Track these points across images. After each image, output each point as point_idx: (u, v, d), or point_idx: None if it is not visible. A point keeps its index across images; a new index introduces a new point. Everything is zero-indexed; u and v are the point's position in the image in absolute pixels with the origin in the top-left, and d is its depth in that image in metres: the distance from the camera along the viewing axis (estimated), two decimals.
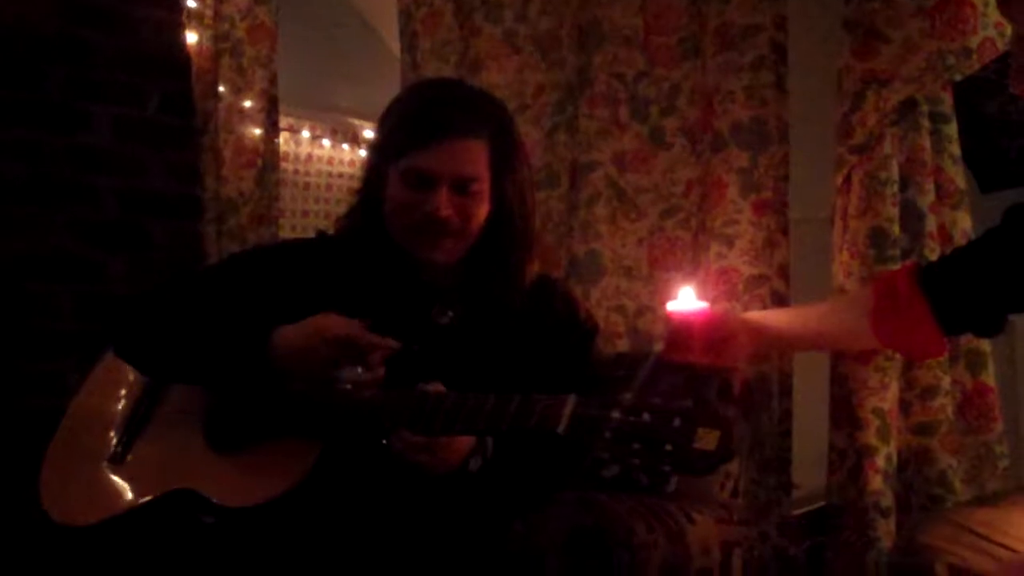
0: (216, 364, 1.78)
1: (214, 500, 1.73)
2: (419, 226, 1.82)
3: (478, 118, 1.83)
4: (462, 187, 1.81)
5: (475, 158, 1.82)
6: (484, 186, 1.84)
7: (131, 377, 1.98)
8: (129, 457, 1.89)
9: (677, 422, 1.38)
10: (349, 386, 1.70)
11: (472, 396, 1.61)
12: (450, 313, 1.90)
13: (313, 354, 1.70)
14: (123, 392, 1.99)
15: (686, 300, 1.95)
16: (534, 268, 1.93)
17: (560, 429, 1.46)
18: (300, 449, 1.73)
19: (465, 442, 1.72)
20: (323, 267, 1.91)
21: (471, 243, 1.87)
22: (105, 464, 1.88)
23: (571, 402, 1.48)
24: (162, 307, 1.88)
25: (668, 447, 1.37)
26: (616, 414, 1.42)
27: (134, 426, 1.92)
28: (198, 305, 1.86)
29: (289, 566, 1.73)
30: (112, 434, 1.92)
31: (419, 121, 1.82)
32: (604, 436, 1.42)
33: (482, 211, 1.85)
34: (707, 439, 1.36)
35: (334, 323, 1.71)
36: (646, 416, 1.40)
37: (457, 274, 1.90)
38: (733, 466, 2.28)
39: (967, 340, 2.14)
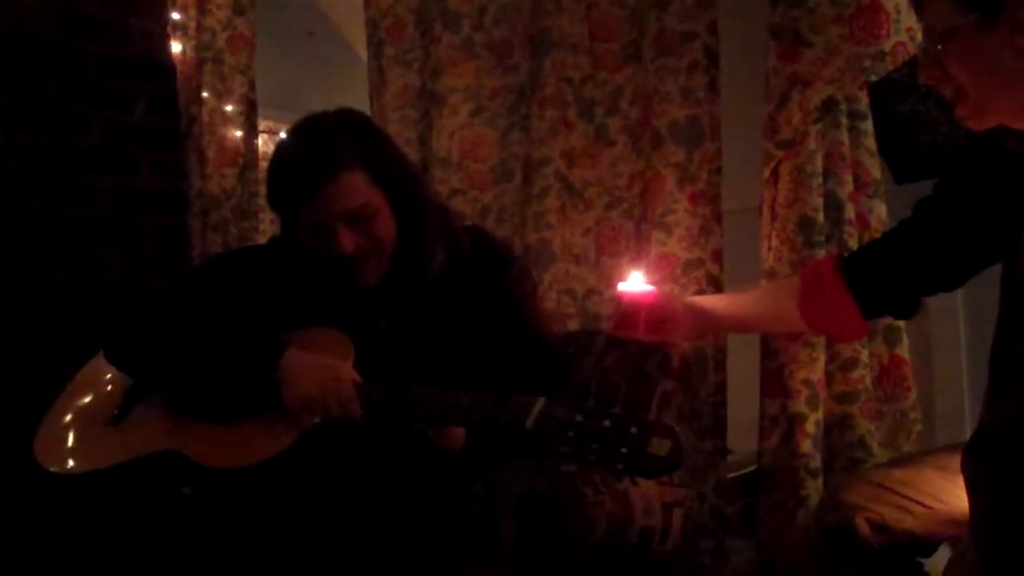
0: (219, 372, 1.73)
1: (197, 462, 1.69)
2: (336, 264, 1.75)
3: (340, 154, 1.71)
4: (356, 217, 1.73)
5: (356, 188, 1.72)
6: (377, 202, 1.74)
7: None
8: (125, 421, 1.83)
9: (634, 430, 1.38)
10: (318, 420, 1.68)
11: (449, 393, 1.60)
12: (385, 322, 1.84)
13: (316, 386, 1.66)
14: None
15: (636, 283, 1.93)
16: (442, 245, 1.84)
17: (528, 424, 1.46)
18: (284, 423, 1.69)
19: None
20: (274, 275, 1.86)
21: (392, 251, 1.78)
22: (101, 425, 1.84)
23: (540, 402, 1.47)
24: (154, 319, 1.83)
25: (624, 450, 1.38)
26: (579, 417, 1.42)
27: (135, 395, 1.86)
28: (189, 315, 1.81)
29: (263, 532, 1.70)
30: (112, 400, 1.87)
31: (290, 181, 1.73)
32: (567, 434, 1.42)
33: (388, 224, 1.76)
34: (660, 447, 1.37)
35: (346, 385, 1.66)
36: (606, 422, 1.40)
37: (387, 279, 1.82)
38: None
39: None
